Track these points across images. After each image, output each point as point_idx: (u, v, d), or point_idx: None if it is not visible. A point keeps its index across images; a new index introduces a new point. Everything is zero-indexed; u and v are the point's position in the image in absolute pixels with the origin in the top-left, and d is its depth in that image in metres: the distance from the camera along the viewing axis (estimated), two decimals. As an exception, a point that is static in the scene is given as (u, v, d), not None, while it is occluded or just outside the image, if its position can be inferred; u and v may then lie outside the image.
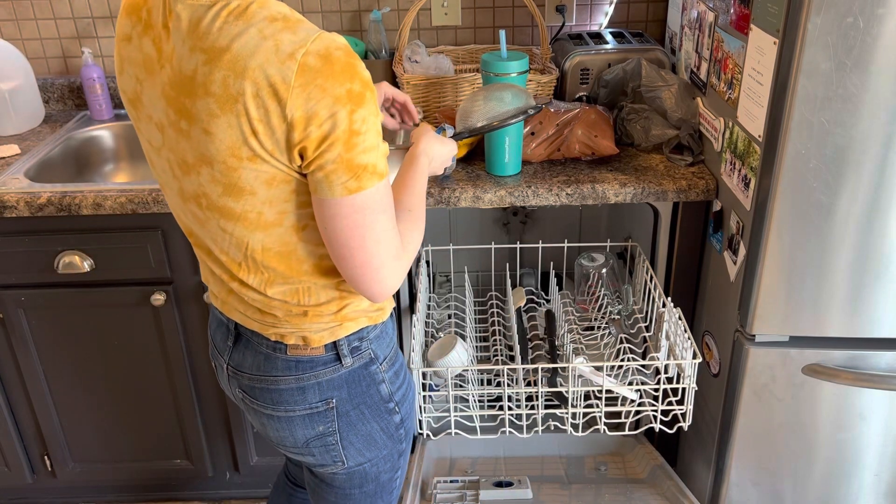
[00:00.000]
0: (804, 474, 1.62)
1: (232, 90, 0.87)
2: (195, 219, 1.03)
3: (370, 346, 1.12)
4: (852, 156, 1.28)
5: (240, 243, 1.00)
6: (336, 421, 1.11)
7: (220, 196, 0.96)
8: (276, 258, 1.01)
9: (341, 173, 0.91)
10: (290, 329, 1.07)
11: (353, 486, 1.21)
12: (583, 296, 1.92)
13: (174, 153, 0.97)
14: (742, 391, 1.54)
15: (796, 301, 1.43)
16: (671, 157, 1.72)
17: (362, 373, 1.11)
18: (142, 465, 2.03)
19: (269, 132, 0.88)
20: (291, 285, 1.04)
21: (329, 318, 1.07)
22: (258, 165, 0.91)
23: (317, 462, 1.16)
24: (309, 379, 1.08)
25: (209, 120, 0.89)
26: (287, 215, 0.98)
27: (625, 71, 1.80)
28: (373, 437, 1.15)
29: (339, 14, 2.13)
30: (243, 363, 1.13)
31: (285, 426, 1.12)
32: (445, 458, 1.94)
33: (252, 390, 1.12)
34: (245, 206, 0.96)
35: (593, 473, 1.88)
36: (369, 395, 1.13)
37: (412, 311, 1.74)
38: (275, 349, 1.09)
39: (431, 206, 1.63)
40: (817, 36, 1.20)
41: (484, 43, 2.16)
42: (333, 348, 1.09)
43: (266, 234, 0.99)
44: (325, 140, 0.88)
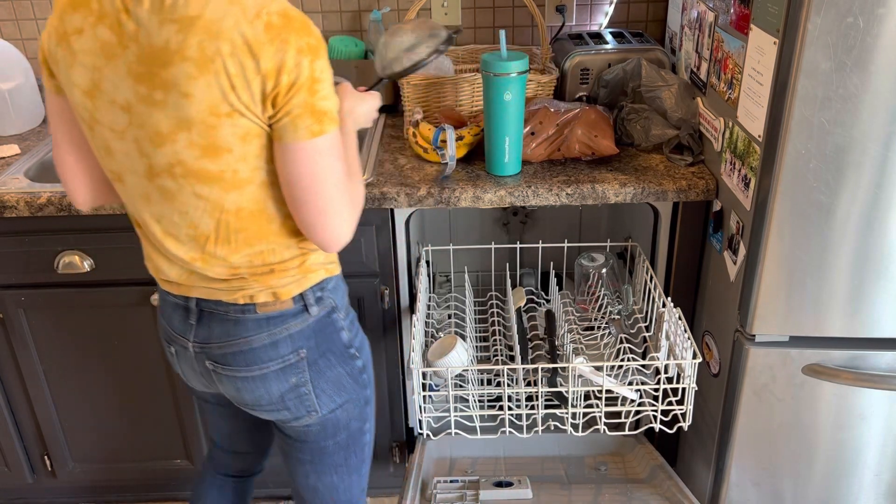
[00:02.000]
0: (804, 474, 1.62)
1: (209, 52, 0.96)
2: (163, 195, 1.08)
3: (331, 295, 1.22)
4: (852, 156, 1.28)
5: (214, 208, 1.08)
6: (307, 371, 1.20)
7: (197, 159, 1.03)
8: (248, 217, 1.09)
9: (306, 117, 1.01)
10: (258, 288, 1.15)
11: (326, 437, 1.28)
12: (583, 296, 1.92)
13: (145, 129, 1.03)
14: (742, 391, 1.54)
15: (796, 301, 1.43)
16: (671, 157, 1.72)
17: (326, 321, 1.21)
18: (142, 465, 2.03)
19: (245, 86, 0.98)
20: (257, 248, 1.12)
21: (294, 271, 1.16)
22: (236, 120, 1.00)
23: (292, 415, 1.24)
24: (281, 332, 1.17)
25: (187, 83, 0.98)
26: (258, 171, 1.06)
27: (625, 71, 1.80)
28: (340, 381, 1.24)
29: (338, 14, 2.13)
30: (211, 335, 1.19)
31: (260, 385, 1.19)
32: (445, 458, 1.94)
33: (224, 357, 1.19)
34: (222, 165, 1.04)
35: (593, 473, 1.88)
36: (333, 343, 1.22)
37: (412, 311, 1.75)
38: (244, 311, 1.16)
39: (431, 206, 1.64)
40: (817, 36, 1.20)
41: (484, 43, 2.16)
42: (301, 300, 1.18)
43: (240, 193, 1.07)
44: (292, 87, 0.99)
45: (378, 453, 2.00)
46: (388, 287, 1.76)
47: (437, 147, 1.72)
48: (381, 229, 1.70)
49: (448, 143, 1.66)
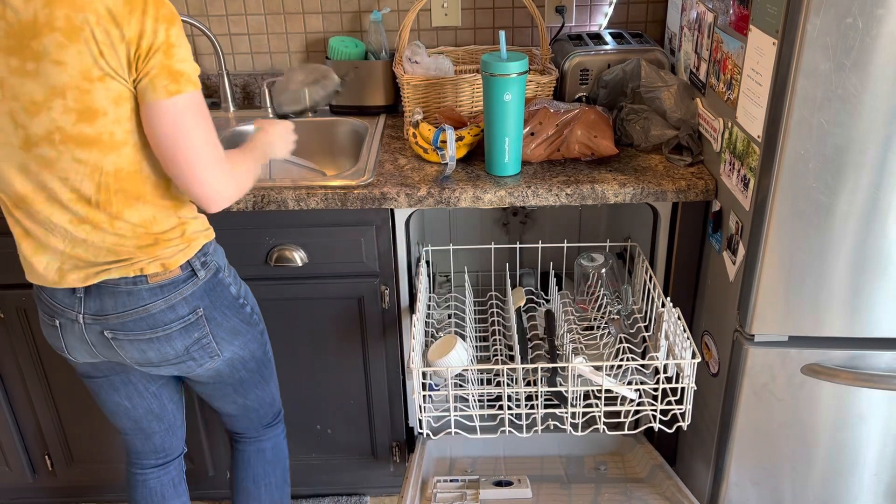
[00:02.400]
0: (803, 474, 1.62)
1: (76, 22, 1.05)
2: (42, 164, 1.14)
3: (213, 258, 1.33)
4: (851, 156, 1.28)
5: (94, 170, 1.15)
6: (207, 325, 1.32)
7: (74, 124, 1.11)
8: (127, 178, 1.17)
9: (163, 77, 1.10)
10: (147, 260, 1.23)
11: (237, 370, 1.45)
12: (582, 296, 1.93)
13: (18, 100, 1.10)
14: (741, 391, 1.54)
15: (795, 301, 1.43)
16: (670, 158, 1.72)
17: (214, 281, 1.33)
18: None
19: (112, 52, 1.08)
20: (139, 211, 1.20)
21: (177, 241, 1.25)
22: (107, 84, 1.09)
23: (197, 364, 1.36)
24: (175, 297, 1.27)
25: (58, 51, 1.06)
26: (132, 134, 1.15)
27: (624, 71, 1.81)
28: (236, 329, 1.38)
29: (339, 14, 2.13)
30: (104, 307, 1.25)
31: (165, 343, 1.30)
32: (445, 458, 1.94)
33: (124, 325, 1.27)
34: (99, 128, 1.12)
35: (593, 473, 1.88)
36: (225, 298, 1.35)
37: (412, 311, 1.75)
38: (135, 283, 1.24)
39: (431, 207, 1.64)
40: (816, 36, 1.20)
41: (484, 44, 2.17)
42: (188, 266, 1.28)
43: (118, 155, 1.15)
44: (150, 50, 1.09)
45: (378, 453, 2.00)
46: (388, 287, 1.77)
47: (437, 147, 1.72)
48: (381, 229, 1.70)
49: (448, 143, 1.67)
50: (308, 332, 1.83)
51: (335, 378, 1.89)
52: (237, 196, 1.26)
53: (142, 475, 1.59)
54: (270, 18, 2.13)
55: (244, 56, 2.18)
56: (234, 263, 1.71)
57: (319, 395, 1.92)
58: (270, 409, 1.62)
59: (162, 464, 1.60)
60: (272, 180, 1.70)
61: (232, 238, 1.69)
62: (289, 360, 1.87)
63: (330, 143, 2.13)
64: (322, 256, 1.73)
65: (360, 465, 2.03)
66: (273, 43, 2.17)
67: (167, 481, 1.61)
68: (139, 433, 1.54)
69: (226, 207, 1.25)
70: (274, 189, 1.64)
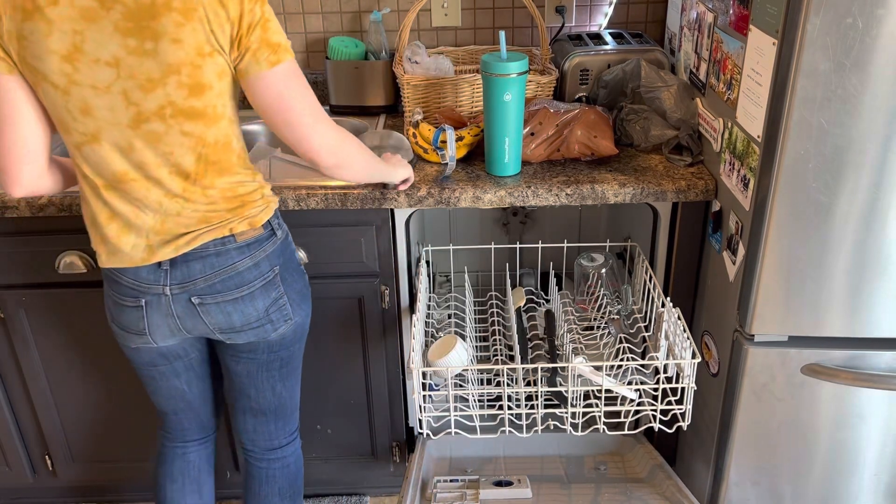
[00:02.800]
0: (803, 474, 1.62)
1: (191, 3, 1.15)
2: (150, 139, 1.22)
3: (282, 223, 1.43)
4: (851, 156, 1.28)
5: (198, 142, 1.24)
6: (281, 285, 1.40)
7: (186, 98, 1.20)
8: (222, 149, 1.27)
9: (264, 50, 1.20)
10: (236, 220, 1.32)
11: (295, 341, 1.49)
12: (582, 296, 1.93)
13: (135, 78, 1.17)
14: (741, 391, 1.54)
15: (795, 301, 1.43)
16: (670, 158, 1.72)
17: (286, 242, 1.42)
18: (142, 464, 2.03)
19: (221, 30, 1.17)
20: (227, 178, 1.29)
21: (259, 202, 1.35)
22: (215, 59, 1.19)
23: (273, 328, 1.42)
24: (260, 255, 1.35)
25: (176, 30, 1.15)
26: (227, 107, 1.26)
27: (624, 72, 1.81)
28: (302, 292, 1.46)
29: (339, 15, 2.13)
30: (191, 273, 1.32)
31: (248, 303, 1.36)
32: (445, 458, 1.94)
33: (212, 287, 1.33)
34: (205, 101, 1.21)
35: (593, 473, 1.88)
36: (293, 261, 1.44)
37: (412, 311, 1.75)
38: (224, 244, 1.32)
39: (431, 207, 1.64)
40: (816, 36, 1.20)
41: (484, 44, 2.17)
42: (269, 225, 1.37)
43: (217, 128, 1.25)
44: (250, 27, 1.19)
45: (378, 453, 2.00)
46: (388, 287, 1.77)
47: (437, 147, 1.72)
48: (381, 229, 1.70)
49: (448, 143, 1.67)
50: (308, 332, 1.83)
51: (335, 378, 1.89)
52: (346, 156, 1.34)
53: (182, 448, 1.63)
54: (270, 18, 2.13)
55: (244, 56, 2.18)
56: (234, 263, 1.71)
57: (319, 395, 1.92)
58: (293, 415, 1.61)
59: (204, 438, 1.65)
60: (272, 180, 1.70)
61: (232, 238, 1.69)
62: (289, 360, 1.87)
63: (330, 143, 2.12)
64: (322, 256, 1.73)
65: (360, 465, 2.03)
66: (273, 43, 2.17)
67: (205, 456, 1.66)
68: (190, 413, 1.59)
69: (341, 164, 1.33)
70: (274, 189, 1.63)
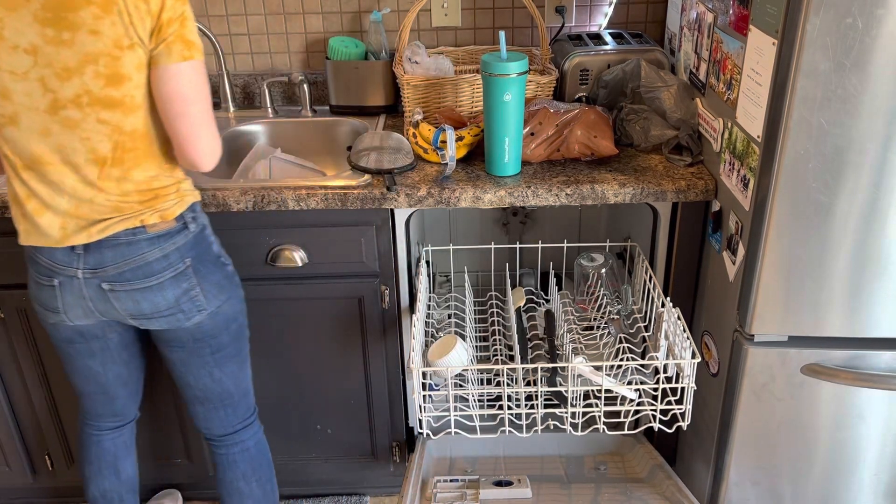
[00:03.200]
0: (803, 474, 1.62)
1: None
2: (66, 125, 1.27)
3: (200, 216, 1.46)
4: (851, 156, 1.29)
5: (114, 130, 1.28)
6: (194, 276, 1.43)
7: (102, 88, 1.25)
8: (140, 138, 1.32)
9: (178, 44, 1.27)
10: (148, 212, 1.36)
11: (220, 330, 1.51)
12: (582, 296, 1.93)
13: (51, 66, 1.23)
14: (741, 391, 1.54)
15: (795, 301, 1.43)
16: (670, 158, 1.72)
17: (201, 236, 1.45)
18: (142, 464, 2.03)
19: (141, 24, 1.23)
20: (144, 170, 1.34)
21: (173, 196, 1.39)
22: (135, 51, 1.24)
23: (186, 317, 1.45)
24: (170, 247, 1.39)
25: (95, 22, 1.20)
26: (146, 98, 1.30)
27: (624, 72, 1.81)
28: (220, 283, 1.48)
29: (339, 15, 2.13)
30: (103, 260, 1.36)
31: (157, 292, 1.41)
32: (445, 458, 1.94)
33: (122, 275, 1.38)
34: (123, 91, 1.26)
35: (593, 473, 1.88)
36: (208, 254, 1.47)
37: (412, 311, 1.75)
38: (135, 234, 1.36)
39: (431, 207, 1.64)
40: (816, 36, 1.20)
41: (484, 44, 2.17)
42: (181, 219, 1.40)
43: (136, 117, 1.30)
44: (170, 22, 1.25)
45: (378, 453, 2.00)
46: (388, 287, 1.77)
47: (437, 147, 1.72)
48: (381, 229, 1.70)
49: (448, 143, 1.67)
50: (308, 332, 1.83)
51: (335, 378, 1.89)
52: (216, 160, 1.40)
53: (97, 436, 1.67)
54: (270, 19, 2.13)
55: (244, 56, 2.18)
56: (235, 263, 1.71)
57: (319, 395, 1.92)
58: (244, 400, 1.64)
59: (118, 426, 1.68)
60: (272, 180, 1.70)
61: (232, 238, 1.69)
62: (289, 360, 1.87)
63: (330, 143, 2.13)
64: (322, 256, 1.73)
65: (360, 465, 2.03)
66: (273, 43, 2.17)
67: (120, 443, 1.70)
68: (103, 397, 1.62)
69: (211, 164, 1.38)
70: (274, 189, 1.64)
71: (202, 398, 1.59)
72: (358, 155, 1.76)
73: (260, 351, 1.86)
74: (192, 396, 1.60)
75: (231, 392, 1.60)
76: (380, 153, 1.76)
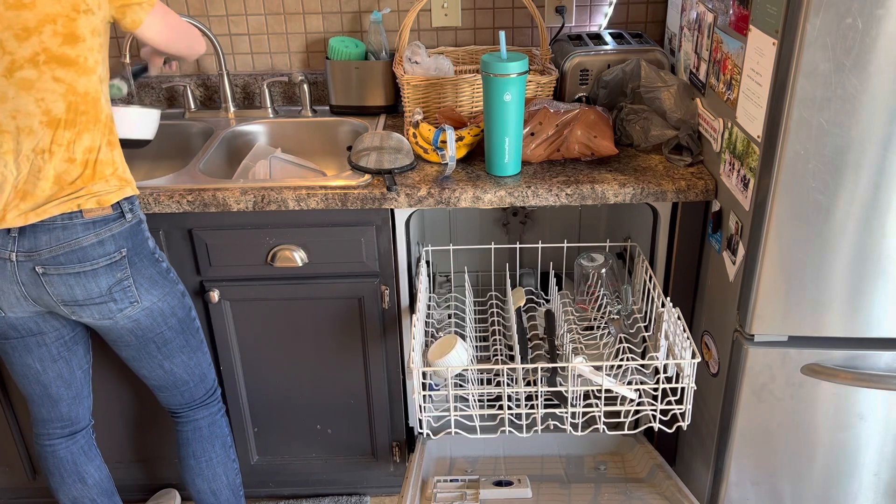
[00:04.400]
0: (803, 474, 1.63)
1: None
2: (22, 86, 1.30)
3: (137, 210, 1.48)
4: (851, 156, 1.29)
5: (68, 90, 1.33)
6: (128, 267, 1.45)
7: (59, 46, 1.31)
8: (91, 103, 1.37)
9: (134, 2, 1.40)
10: (86, 196, 1.38)
11: (158, 324, 1.54)
12: (582, 296, 1.93)
13: (11, 28, 1.27)
14: (741, 391, 1.54)
15: (795, 301, 1.43)
16: (670, 158, 1.73)
17: (137, 229, 1.47)
18: (142, 464, 2.03)
19: None
20: (92, 137, 1.38)
21: (112, 180, 1.41)
22: (89, 17, 1.33)
23: (117, 307, 1.47)
24: (105, 233, 1.41)
25: None
26: (99, 65, 1.37)
27: (624, 72, 1.81)
28: (154, 278, 1.50)
29: (339, 15, 2.13)
30: (38, 244, 1.38)
31: (91, 279, 1.42)
32: (445, 458, 1.94)
33: (55, 259, 1.39)
34: (78, 51, 1.33)
35: (593, 473, 1.88)
36: (143, 248, 1.49)
37: (412, 311, 1.75)
38: (71, 218, 1.37)
39: (431, 207, 1.64)
40: (816, 37, 1.20)
41: (484, 44, 2.17)
42: (118, 207, 1.42)
43: (88, 80, 1.35)
44: None
45: (378, 453, 2.00)
46: (389, 287, 1.77)
47: (437, 147, 1.72)
48: (381, 229, 1.70)
49: (448, 143, 1.67)
50: (308, 332, 1.83)
51: (335, 378, 1.90)
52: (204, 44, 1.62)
53: (50, 446, 1.68)
54: (270, 19, 2.13)
55: (244, 56, 2.18)
56: (235, 263, 1.72)
57: (319, 395, 1.92)
58: (201, 384, 1.69)
59: (69, 434, 1.68)
60: (272, 180, 1.70)
61: (232, 238, 1.69)
62: (289, 360, 1.87)
63: (330, 143, 2.13)
64: (322, 256, 1.73)
65: (360, 465, 2.03)
66: (273, 43, 2.17)
67: (76, 450, 1.70)
68: (46, 399, 1.62)
69: None
70: (274, 189, 1.64)
71: (158, 386, 1.66)
72: (358, 155, 1.76)
73: (260, 351, 1.86)
74: (151, 385, 1.66)
75: (185, 380, 1.65)
76: (380, 153, 1.76)
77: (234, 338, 1.84)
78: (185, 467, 1.74)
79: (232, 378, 1.89)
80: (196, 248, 1.71)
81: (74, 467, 1.69)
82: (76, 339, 1.58)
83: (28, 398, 1.64)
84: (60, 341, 1.56)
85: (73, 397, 1.64)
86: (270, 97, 2.14)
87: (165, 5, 1.51)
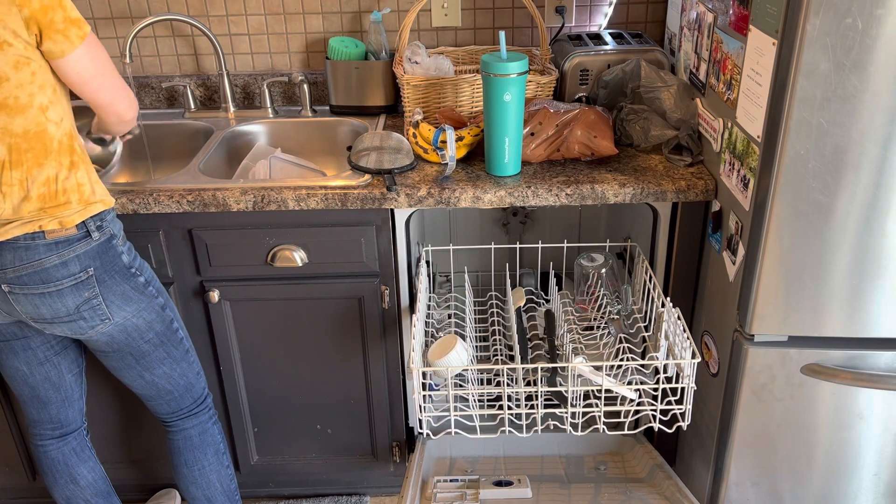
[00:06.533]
0: (803, 474, 1.63)
1: None
2: None
3: (109, 225, 1.42)
4: (851, 156, 1.29)
5: (4, 133, 1.27)
6: (97, 286, 1.41)
7: None
8: (34, 138, 1.29)
9: (70, 28, 1.26)
10: (47, 219, 1.34)
11: (133, 339, 1.51)
12: (582, 296, 1.93)
13: None
14: (741, 391, 1.54)
15: (795, 301, 1.43)
16: (670, 158, 1.73)
17: (106, 247, 1.42)
18: (142, 465, 2.03)
19: (10, 16, 1.19)
20: (46, 170, 1.32)
21: (75, 203, 1.36)
22: (6, 51, 1.21)
23: (88, 325, 1.44)
24: (69, 254, 1.37)
25: None
26: (34, 97, 1.28)
27: (624, 72, 1.81)
28: (126, 294, 1.46)
29: (339, 15, 2.13)
30: (3, 262, 1.35)
31: (57, 299, 1.39)
32: (445, 458, 1.94)
33: (20, 279, 1.36)
34: (5, 93, 1.25)
35: (593, 473, 1.88)
36: (115, 264, 1.43)
37: (412, 311, 1.75)
38: (33, 238, 1.34)
39: (431, 207, 1.64)
40: (816, 37, 1.20)
41: (484, 44, 2.17)
42: (83, 227, 1.37)
43: (24, 118, 1.28)
44: (49, 7, 1.23)
45: (378, 453, 2.00)
46: (388, 287, 1.77)
47: (437, 147, 1.72)
48: (381, 229, 1.70)
49: (448, 143, 1.67)
50: (308, 332, 1.83)
51: (335, 378, 1.90)
52: (136, 109, 1.47)
53: (42, 447, 1.68)
54: (270, 19, 2.13)
55: (244, 56, 2.18)
56: (235, 263, 1.71)
57: (319, 395, 1.92)
58: (188, 394, 1.67)
59: (59, 436, 1.68)
60: (272, 180, 1.70)
61: (232, 238, 1.69)
62: (289, 359, 1.87)
63: (330, 143, 2.13)
64: (322, 256, 1.73)
65: (360, 465, 2.03)
66: (273, 43, 2.17)
67: (68, 451, 1.69)
68: (35, 401, 1.62)
69: (134, 118, 1.47)
70: (274, 189, 1.64)
71: (143, 395, 1.64)
72: (358, 155, 1.76)
73: (260, 351, 1.86)
74: (136, 394, 1.65)
75: (169, 390, 1.63)
76: (380, 153, 1.76)
77: (234, 338, 1.84)
78: (179, 475, 1.73)
79: (232, 378, 1.89)
80: (196, 248, 1.71)
81: (66, 468, 1.69)
82: (65, 343, 1.58)
83: (19, 399, 1.64)
84: (47, 345, 1.55)
85: (63, 400, 1.64)
86: (270, 97, 2.14)
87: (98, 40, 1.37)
